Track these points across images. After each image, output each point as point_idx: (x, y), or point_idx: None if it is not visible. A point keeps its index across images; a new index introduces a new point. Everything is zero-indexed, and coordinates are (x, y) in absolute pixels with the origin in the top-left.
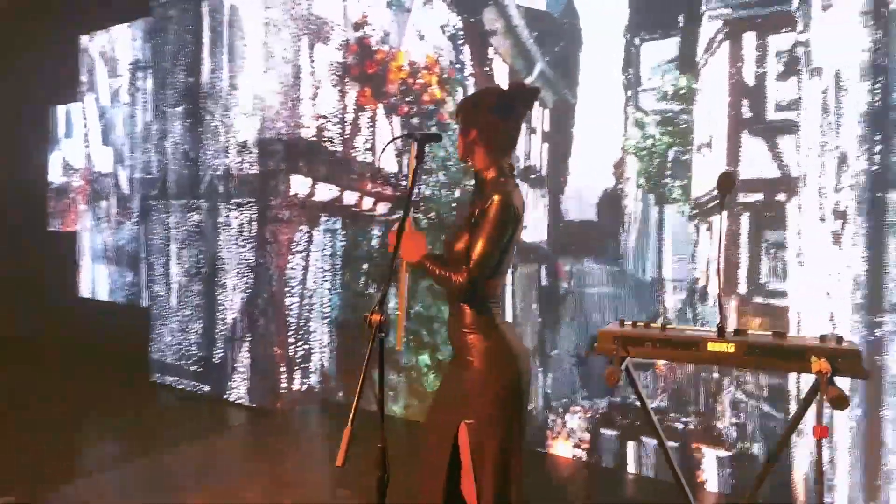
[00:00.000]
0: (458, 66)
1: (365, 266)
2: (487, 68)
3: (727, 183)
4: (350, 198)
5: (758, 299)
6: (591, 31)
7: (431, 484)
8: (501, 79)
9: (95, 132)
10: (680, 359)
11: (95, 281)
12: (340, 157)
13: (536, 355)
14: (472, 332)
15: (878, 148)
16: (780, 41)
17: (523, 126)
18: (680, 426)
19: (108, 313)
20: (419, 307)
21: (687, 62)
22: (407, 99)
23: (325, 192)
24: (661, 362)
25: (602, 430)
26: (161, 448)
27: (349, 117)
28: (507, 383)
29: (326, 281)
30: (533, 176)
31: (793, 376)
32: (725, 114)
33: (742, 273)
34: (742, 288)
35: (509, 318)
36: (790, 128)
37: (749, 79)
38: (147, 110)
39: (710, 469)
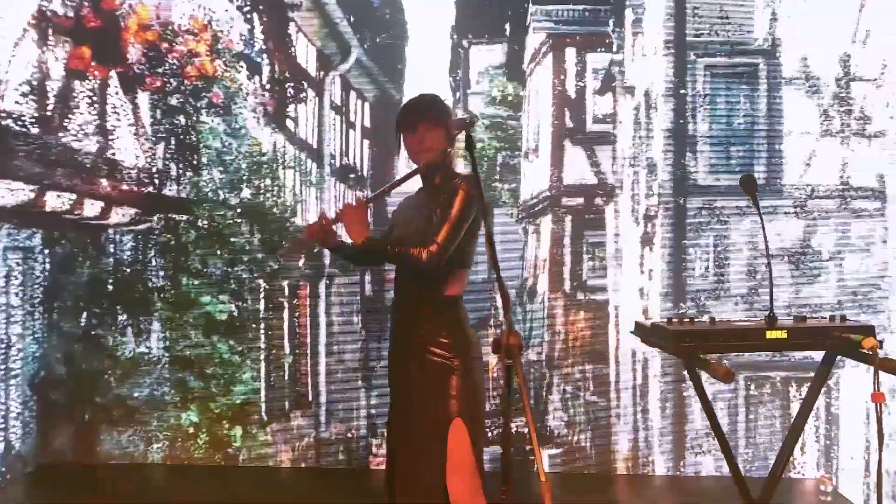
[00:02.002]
0: (247, 39)
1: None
2: (290, 48)
3: (751, 185)
4: (57, 201)
5: (580, 295)
6: (418, 27)
7: (430, 481)
8: (309, 61)
9: None
10: (744, 349)
11: None
12: (46, 142)
13: (359, 372)
14: (453, 329)
15: (679, 160)
16: (597, 59)
17: (339, 120)
18: (513, 427)
19: None
20: (182, 345)
21: (514, 70)
22: (159, 69)
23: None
24: (493, 363)
25: None
26: None
27: (55, 87)
28: (483, 383)
29: (14, 322)
30: (352, 176)
31: (612, 364)
32: (550, 122)
33: (567, 271)
34: (567, 285)
35: (324, 336)
36: (607, 139)
37: (571, 91)
38: None
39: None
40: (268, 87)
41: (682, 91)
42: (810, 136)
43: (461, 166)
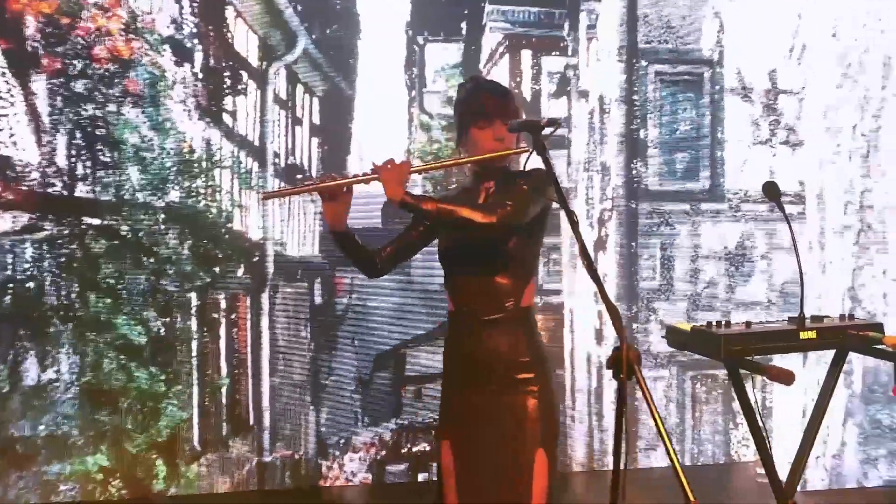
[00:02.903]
0: (176, 20)
1: None
2: (227, 33)
3: (774, 190)
4: None
5: (536, 299)
6: (371, 20)
7: None
8: (250, 50)
9: None
10: (781, 351)
11: None
12: None
13: (308, 389)
14: (532, 345)
15: (631, 165)
16: (552, 63)
17: (283, 115)
18: None
19: None
20: (90, 375)
21: (471, 69)
22: (59, 49)
23: None
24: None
25: (388, 468)
26: None
27: None
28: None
29: None
30: (299, 177)
31: (567, 368)
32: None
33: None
34: None
35: (267, 352)
36: (562, 143)
37: (527, 94)
38: None
39: None
40: (200, 76)
41: (635, 97)
42: (743, 144)
43: None
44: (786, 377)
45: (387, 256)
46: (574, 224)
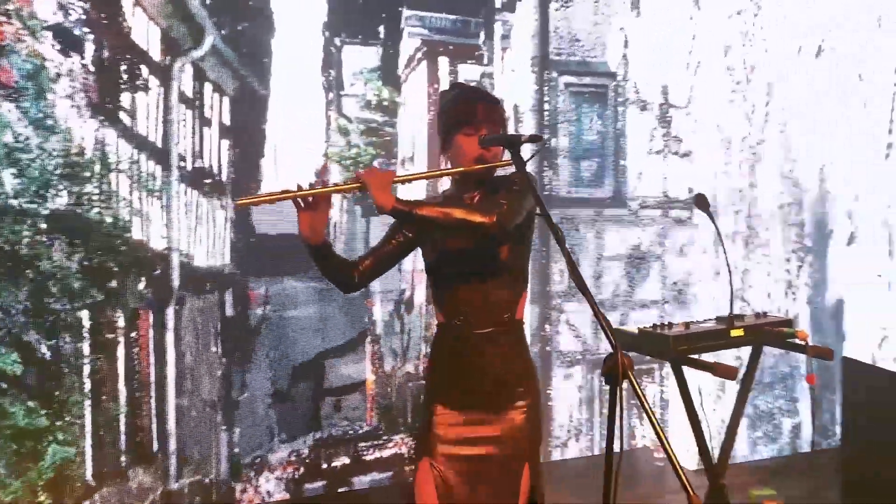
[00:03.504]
0: (66, 5)
1: None
2: (123, 23)
3: (704, 202)
4: None
5: None
6: (286, 19)
7: None
8: (151, 43)
9: None
10: (718, 348)
11: None
12: None
13: (219, 407)
14: (523, 359)
15: (542, 172)
16: (469, 70)
17: (190, 115)
18: (391, 450)
19: None
20: None
21: (389, 74)
22: None
23: None
24: (371, 380)
25: (306, 486)
26: None
27: None
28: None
29: None
30: (208, 181)
31: None
32: (426, 131)
33: None
34: None
35: (173, 371)
36: None
37: None
38: None
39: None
40: (92, 69)
41: (546, 107)
42: (641, 153)
43: None
44: (730, 372)
45: (365, 270)
46: (560, 240)
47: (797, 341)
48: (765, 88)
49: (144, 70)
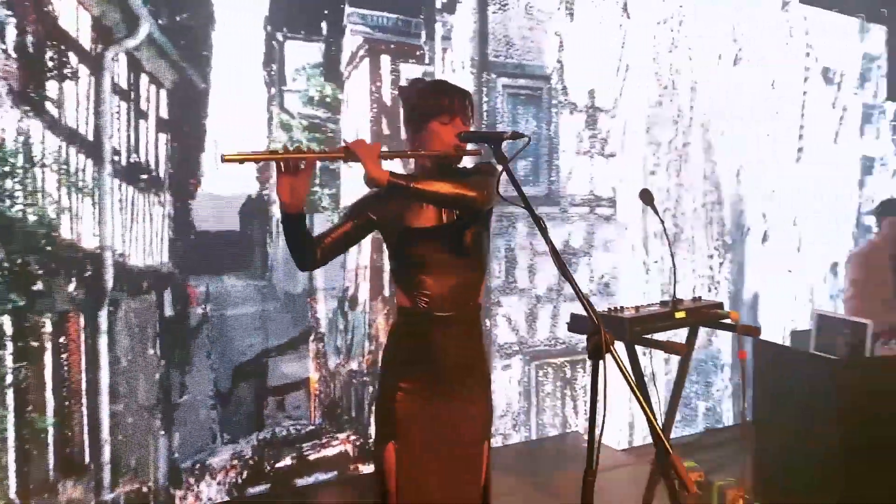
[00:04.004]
0: None
1: None
2: (49, 6)
3: (648, 197)
4: None
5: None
6: (227, 11)
7: None
8: (81, 30)
9: None
10: (666, 328)
11: None
12: None
13: (157, 412)
14: (483, 342)
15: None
16: (410, 69)
17: (124, 107)
18: (336, 448)
19: None
20: None
21: (332, 70)
22: None
23: None
24: (314, 378)
25: (249, 490)
26: None
27: None
28: None
29: None
30: (144, 177)
31: None
32: (369, 128)
33: (386, 277)
34: (386, 291)
35: (107, 377)
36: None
37: (387, 99)
38: None
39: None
40: (14, 55)
41: (485, 108)
42: (570, 153)
43: None
44: (680, 349)
45: (327, 247)
46: (543, 229)
47: (729, 321)
48: (689, 93)
49: (73, 58)
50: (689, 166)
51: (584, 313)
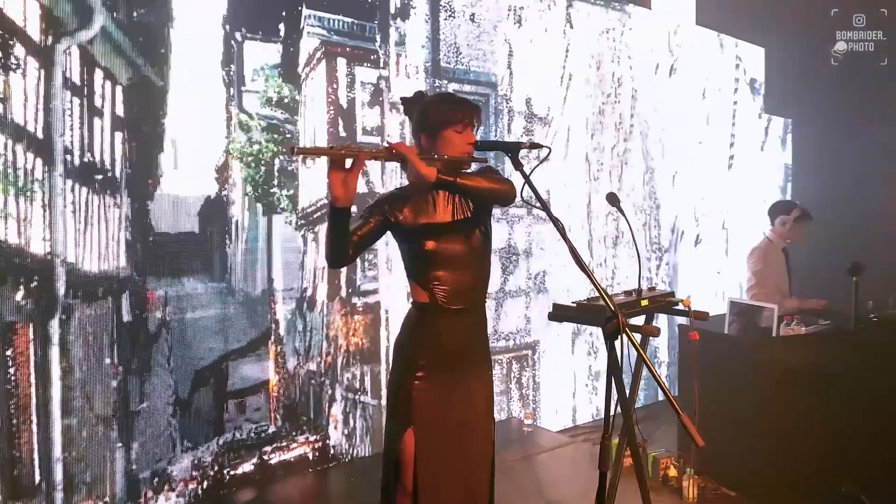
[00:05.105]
0: None
1: None
2: None
3: (615, 199)
4: None
5: (355, 299)
6: (185, 9)
7: (480, 489)
8: (29, 20)
9: None
10: (633, 315)
11: None
12: None
13: (114, 423)
14: (486, 327)
15: None
16: (366, 73)
17: (77, 103)
18: (296, 452)
19: None
20: None
21: (290, 72)
22: None
23: None
24: (274, 381)
25: (210, 496)
26: None
27: None
28: None
29: None
30: (99, 177)
31: (383, 365)
32: (325, 130)
33: (343, 278)
34: (343, 291)
35: (58, 390)
36: None
37: (343, 101)
38: None
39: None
40: None
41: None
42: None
43: None
44: (655, 332)
45: (356, 244)
46: (562, 230)
47: (682, 307)
48: (629, 101)
49: (20, 49)
50: (630, 170)
51: (563, 304)
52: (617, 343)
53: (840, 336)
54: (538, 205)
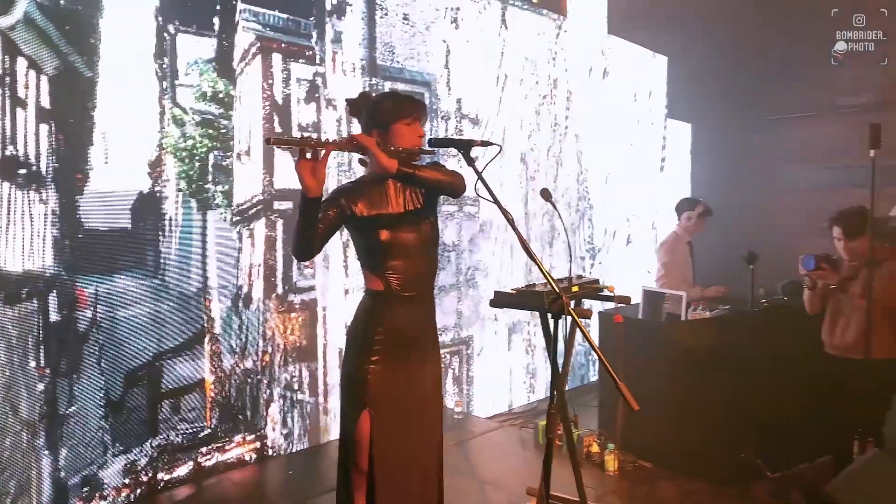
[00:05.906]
0: None
1: None
2: None
3: (548, 194)
4: None
5: (292, 297)
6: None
7: (431, 466)
8: None
9: None
10: (573, 300)
11: None
12: None
13: (40, 428)
14: (434, 312)
15: None
16: (302, 69)
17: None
18: (233, 453)
19: None
20: None
21: (225, 66)
22: None
23: None
24: (209, 380)
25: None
26: None
27: None
28: None
29: None
30: (23, 171)
31: (320, 362)
32: (261, 126)
33: (279, 275)
34: (280, 289)
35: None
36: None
37: (279, 97)
38: None
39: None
40: None
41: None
42: (454, 159)
43: None
44: (588, 314)
45: (321, 235)
46: (511, 221)
47: (607, 293)
48: (565, 103)
49: None
50: (565, 171)
51: (504, 291)
52: (554, 323)
53: (739, 318)
54: (490, 198)
